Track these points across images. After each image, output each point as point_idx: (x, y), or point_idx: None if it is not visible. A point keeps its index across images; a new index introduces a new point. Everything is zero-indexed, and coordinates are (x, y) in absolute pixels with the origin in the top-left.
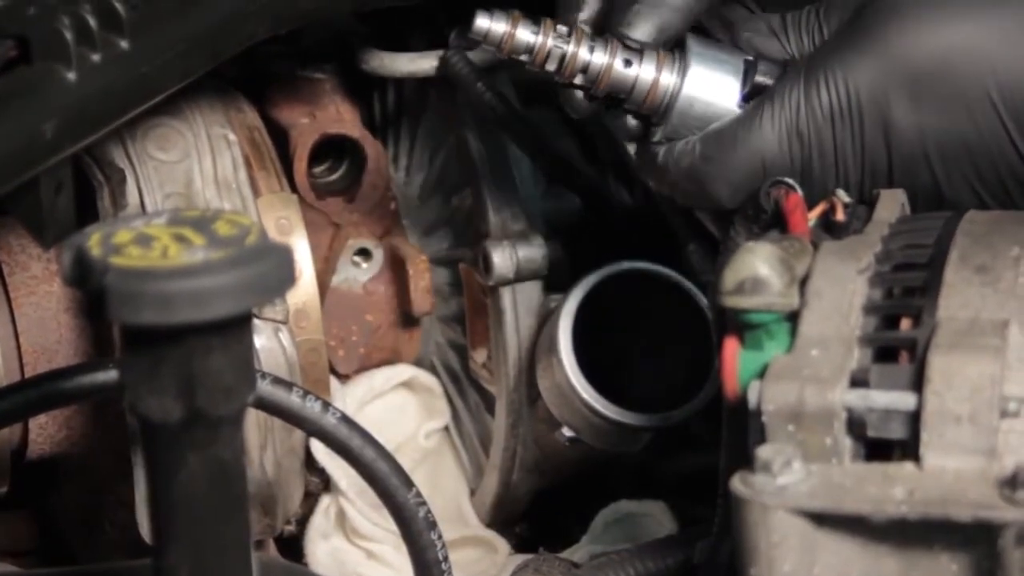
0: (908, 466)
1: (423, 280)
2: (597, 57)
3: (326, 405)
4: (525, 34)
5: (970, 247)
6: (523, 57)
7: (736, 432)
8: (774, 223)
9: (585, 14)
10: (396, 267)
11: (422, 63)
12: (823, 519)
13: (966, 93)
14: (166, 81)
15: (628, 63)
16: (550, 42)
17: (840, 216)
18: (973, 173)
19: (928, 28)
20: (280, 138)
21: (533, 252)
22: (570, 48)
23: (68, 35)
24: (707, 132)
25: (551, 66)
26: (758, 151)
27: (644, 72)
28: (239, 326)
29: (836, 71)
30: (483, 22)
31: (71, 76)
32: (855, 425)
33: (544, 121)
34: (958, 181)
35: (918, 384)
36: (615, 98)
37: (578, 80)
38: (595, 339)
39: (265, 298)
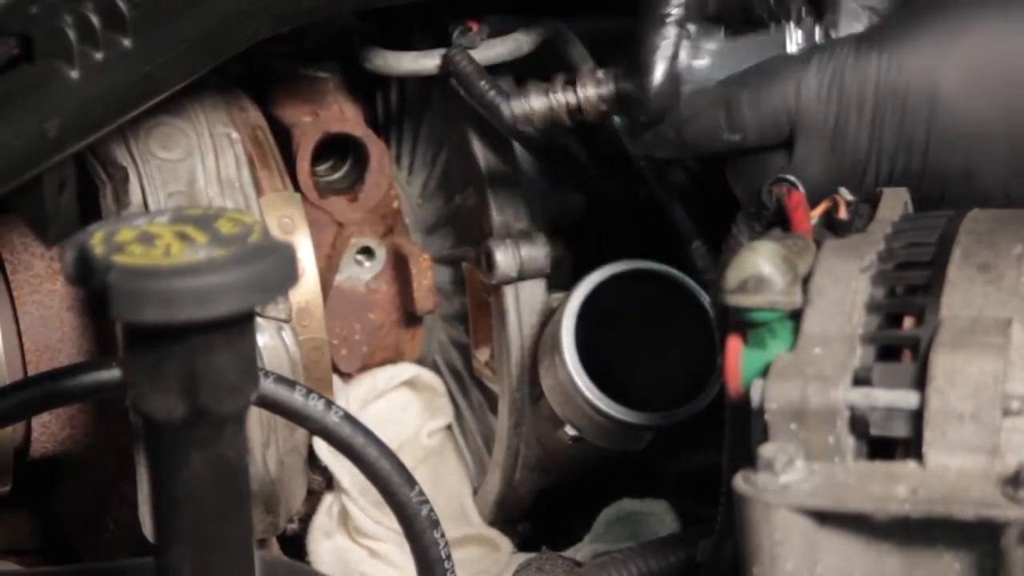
0: (911, 465)
1: (426, 279)
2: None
3: (329, 403)
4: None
5: (973, 245)
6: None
7: (739, 431)
8: (777, 221)
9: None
10: (399, 266)
11: (425, 62)
12: (826, 518)
13: (1020, 82)
14: (169, 80)
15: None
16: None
17: (843, 214)
18: (1008, 164)
19: (991, 10)
20: (283, 137)
21: (536, 251)
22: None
23: (71, 34)
24: (748, 67)
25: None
26: (796, 90)
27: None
28: (242, 324)
29: (891, 36)
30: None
31: (74, 75)
32: (858, 423)
33: None
34: (991, 169)
35: (921, 382)
36: None
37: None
38: (598, 338)
39: (268, 296)
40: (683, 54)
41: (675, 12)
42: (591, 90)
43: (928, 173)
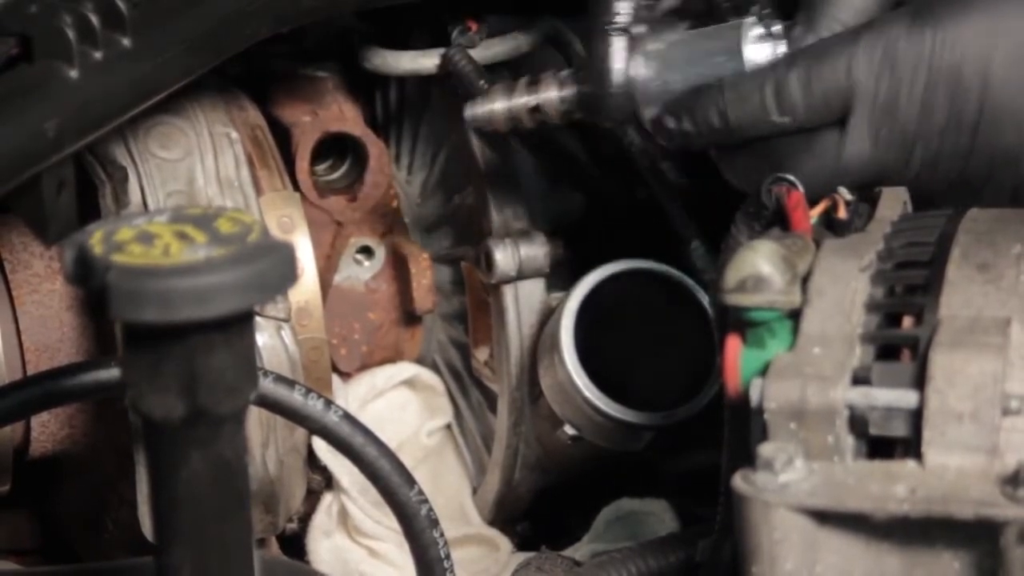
0: (910, 464)
1: (425, 278)
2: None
3: (328, 403)
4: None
5: (972, 245)
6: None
7: (738, 430)
8: (776, 220)
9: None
10: (398, 265)
11: (424, 61)
12: (825, 517)
13: None
14: (168, 79)
15: None
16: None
17: (842, 214)
18: None
19: None
20: (282, 136)
21: (535, 250)
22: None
23: (70, 33)
24: (795, 50)
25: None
26: (847, 68)
27: None
28: (241, 324)
29: (944, 13)
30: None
31: (73, 74)
32: (857, 423)
33: None
34: None
35: (920, 382)
36: None
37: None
38: (597, 337)
39: (267, 295)
40: (636, 57)
41: (620, 19)
42: (552, 92)
43: (976, 152)
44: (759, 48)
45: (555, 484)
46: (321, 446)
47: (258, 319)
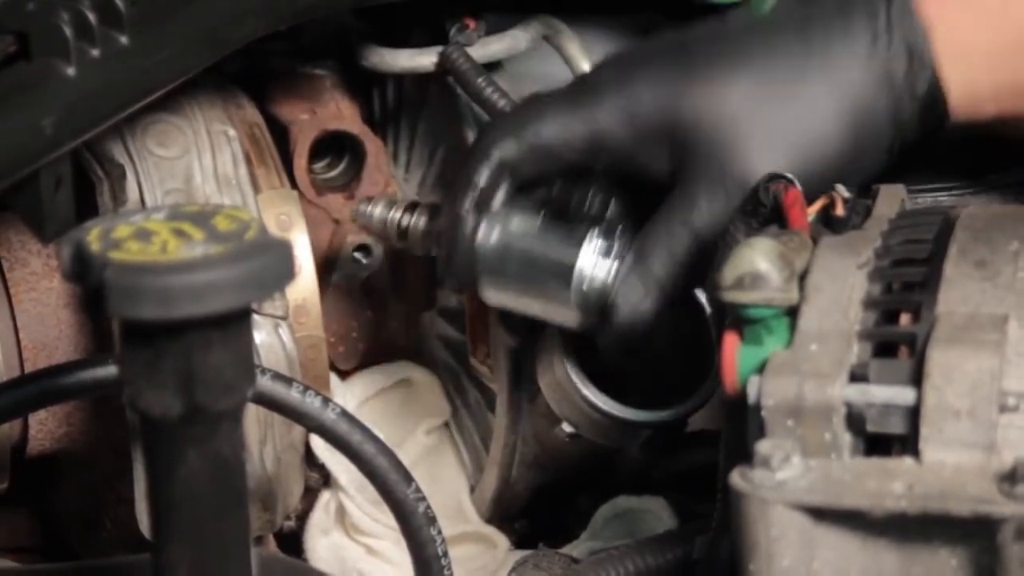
0: (907, 461)
1: (423, 276)
2: None
3: (326, 401)
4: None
5: (969, 242)
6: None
7: (735, 427)
8: (773, 218)
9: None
10: (396, 263)
11: (422, 59)
12: (822, 514)
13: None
14: (166, 77)
15: None
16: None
17: (839, 211)
18: None
19: None
20: (280, 134)
21: None
22: None
23: (67, 31)
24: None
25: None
26: None
27: None
28: (238, 321)
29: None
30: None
31: (70, 72)
32: (854, 420)
33: None
34: None
35: (917, 379)
36: None
37: None
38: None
39: (264, 293)
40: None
41: (467, 204)
42: (421, 221)
43: None
44: (594, 263)
45: (553, 482)
46: (319, 444)
47: (256, 317)
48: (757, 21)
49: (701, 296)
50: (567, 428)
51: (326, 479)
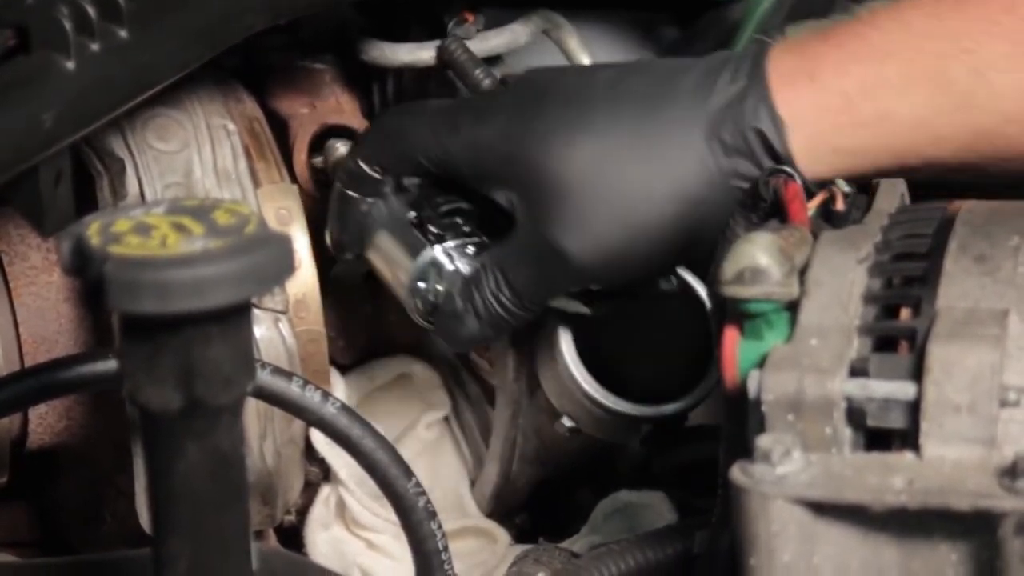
0: (907, 456)
1: None
2: None
3: (326, 395)
4: None
5: (969, 237)
6: None
7: (736, 422)
8: (773, 212)
9: None
10: None
11: (421, 53)
12: (822, 509)
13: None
14: (165, 71)
15: None
16: None
17: (840, 205)
18: None
19: None
20: (280, 128)
21: None
22: None
23: (67, 24)
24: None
25: None
26: None
27: None
28: (238, 315)
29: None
30: None
31: (70, 66)
32: (854, 415)
33: None
34: None
35: (917, 374)
36: None
37: None
38: (595, 329)
39: (264, 287)
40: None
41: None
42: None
43: None
44: (432, 273)
45: (553, 476)
46: (319, 438)
47: (256, 311)
48: (614, 84)
49: (694, 281)
50: (567, 423)
51: (326, 473)
